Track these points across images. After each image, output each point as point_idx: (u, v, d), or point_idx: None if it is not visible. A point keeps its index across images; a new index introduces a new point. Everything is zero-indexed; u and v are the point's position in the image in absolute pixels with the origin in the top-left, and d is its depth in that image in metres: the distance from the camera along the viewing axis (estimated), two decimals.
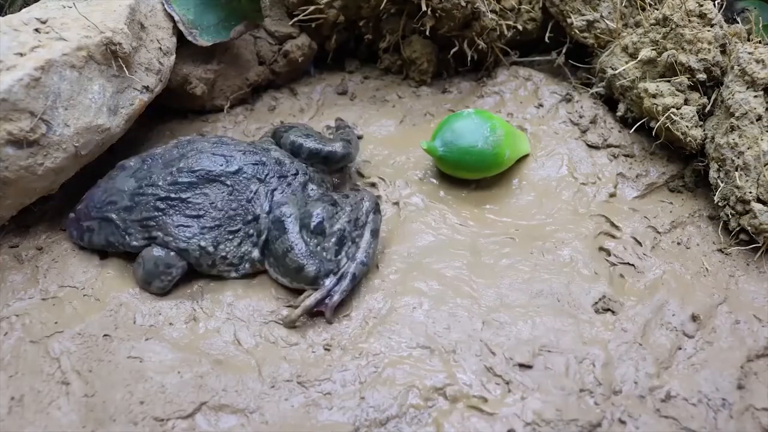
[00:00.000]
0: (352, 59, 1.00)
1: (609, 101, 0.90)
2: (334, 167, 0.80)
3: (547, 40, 0.96)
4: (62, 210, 0.76)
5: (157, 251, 0.69)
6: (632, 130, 0.83)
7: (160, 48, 0.80)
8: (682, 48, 0.79)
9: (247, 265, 0.71)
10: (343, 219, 0.70)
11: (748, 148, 0.71)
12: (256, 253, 0.70)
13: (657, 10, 0.83)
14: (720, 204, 0.74)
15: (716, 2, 0.81)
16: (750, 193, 0.70)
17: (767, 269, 0.73)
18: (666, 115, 0.78)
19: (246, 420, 0.60)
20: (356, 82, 0.96)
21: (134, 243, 0.70)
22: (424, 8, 0.85)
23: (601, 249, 0.75)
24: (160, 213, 0.69)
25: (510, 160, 0.81)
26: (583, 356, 0.64)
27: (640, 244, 0.75)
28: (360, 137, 0.87)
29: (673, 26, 0.80)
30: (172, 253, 0.69)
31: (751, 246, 0.74)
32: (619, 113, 0.86)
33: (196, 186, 0.70)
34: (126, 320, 0.67)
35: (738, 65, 0.74)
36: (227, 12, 0.86)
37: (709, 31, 0.79)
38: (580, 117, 0.88)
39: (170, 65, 0.81)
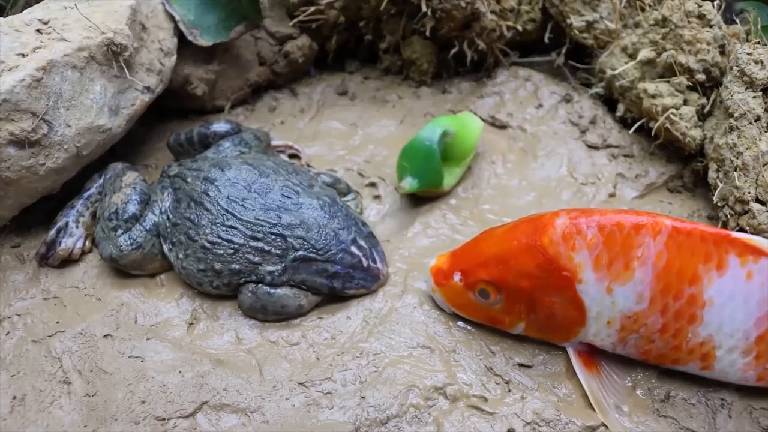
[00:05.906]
0: (352, 60, 1.00)
1: (608, 102, 0.90)
2: None
3: (546, 40, 0.96)
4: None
5: None
6: (632, 130, 0.83)
7: (161, 48, 0.80)
8: (681, 49, 0.79)
9: None
10: None
11: (747, 149, 0.71)
12: None
13: (656, 10, 0.83)
14: (719, 204, 0.74)
15: (715, 3, 0.81)
16: (749, 193, 0.70)
17: None
18: (665, 115, 0.79)
19: (247, 419, 0.60)
20: (356, 83, 0.96)
21: None
22: (424, 9, 0.85)
23: None
24: None
25: (468, 148, 0.80)
26: None
27: None
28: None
29: (672, 27, 0.80)
30: None
31: None
32: (618, 114, 0.86)
33: None
34: (127, 320, 0.67)
35: (737, 66, 0.74)
36: (227, 12, 0.87)
37: (708, 31, 0.79)
38: (580, 117, 0.88)
39: (171, 66, 0.81)
